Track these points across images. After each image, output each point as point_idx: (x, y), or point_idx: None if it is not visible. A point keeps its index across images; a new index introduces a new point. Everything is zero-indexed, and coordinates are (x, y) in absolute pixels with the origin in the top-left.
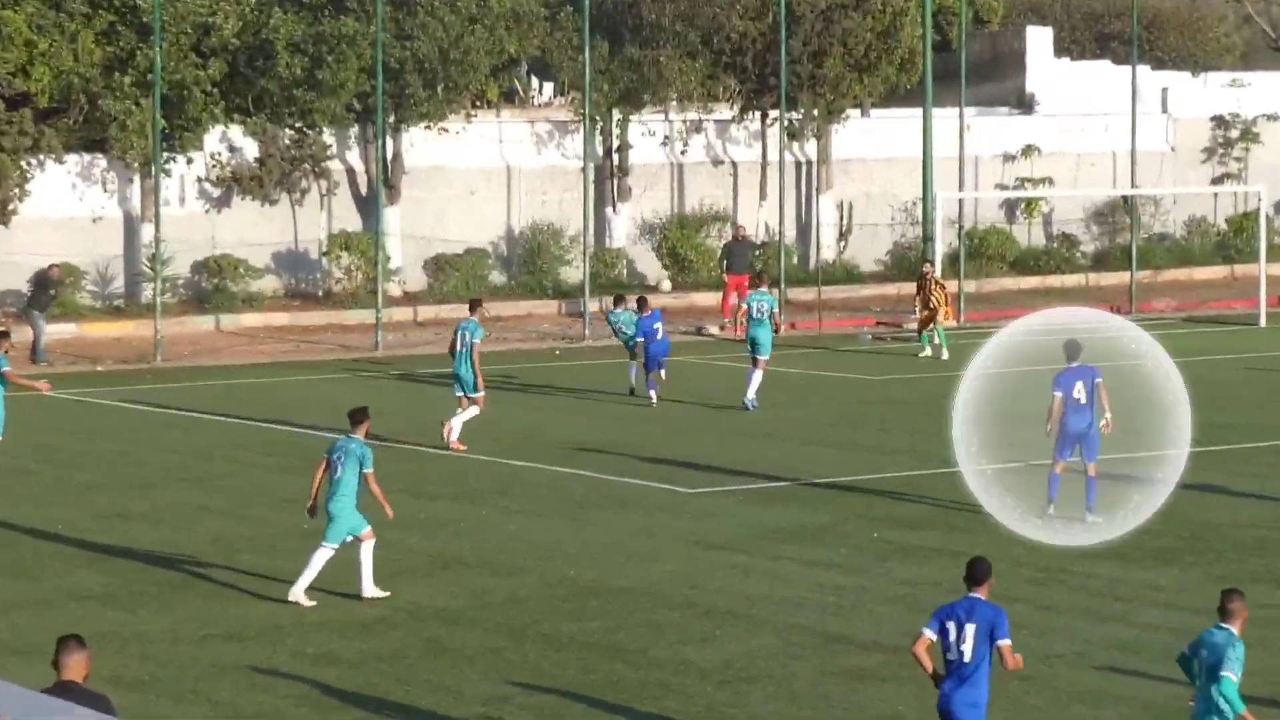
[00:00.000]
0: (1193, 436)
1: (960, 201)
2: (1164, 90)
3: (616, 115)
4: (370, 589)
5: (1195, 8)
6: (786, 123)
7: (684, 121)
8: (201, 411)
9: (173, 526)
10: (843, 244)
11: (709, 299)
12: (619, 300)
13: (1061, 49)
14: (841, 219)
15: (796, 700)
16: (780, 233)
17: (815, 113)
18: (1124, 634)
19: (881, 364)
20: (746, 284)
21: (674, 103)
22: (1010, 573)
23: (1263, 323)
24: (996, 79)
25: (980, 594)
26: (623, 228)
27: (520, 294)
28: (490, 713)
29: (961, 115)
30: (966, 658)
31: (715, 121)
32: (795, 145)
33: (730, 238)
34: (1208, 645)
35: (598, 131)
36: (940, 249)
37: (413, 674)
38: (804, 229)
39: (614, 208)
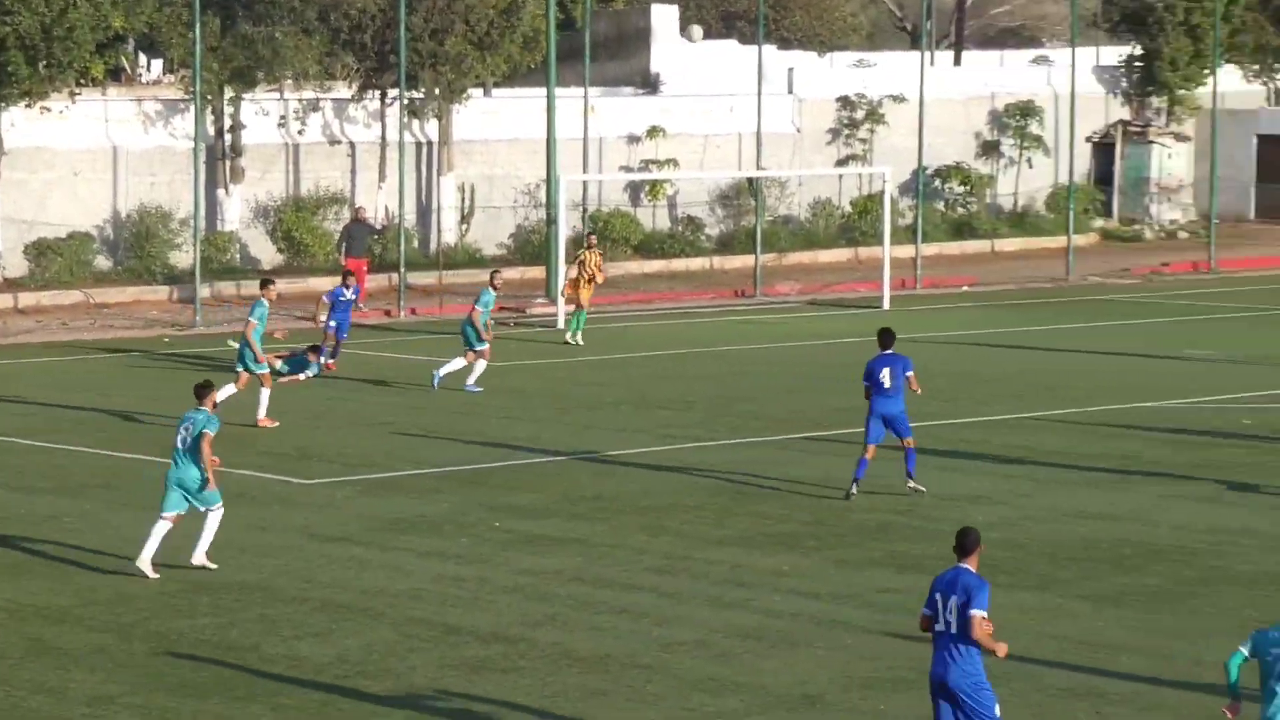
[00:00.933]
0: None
1: (584, 184)
2: (790, 71)
3: (229, 94)
4: (201, 558)
5: None
6: (407, 102)
7: (300, 101)
8: None
9: None
10: (465, 227)
11: (326, 284)
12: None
13: (688, 27)
14: (463, 201)
15: (415, 693)
16: (400, 215)
17: (436, 92)
18: (746, 621)
19: (504, 351)
20: (366, 268)
21: (289, 81)
22: (632, 561)
23: (886, 305)
24: (621, 58)
25: (969, 564)
26: (235, 210)
27: (127, 279)
28: (96, 713)
29: (586, 96)
30: (953, 629)
31: (333, 101)
32: (416, 125)
33: (349, 220)
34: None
35: (209, 111)
36: (564, 232)
37: (15, 675)
38: (425, 211)
39: (226, 190)
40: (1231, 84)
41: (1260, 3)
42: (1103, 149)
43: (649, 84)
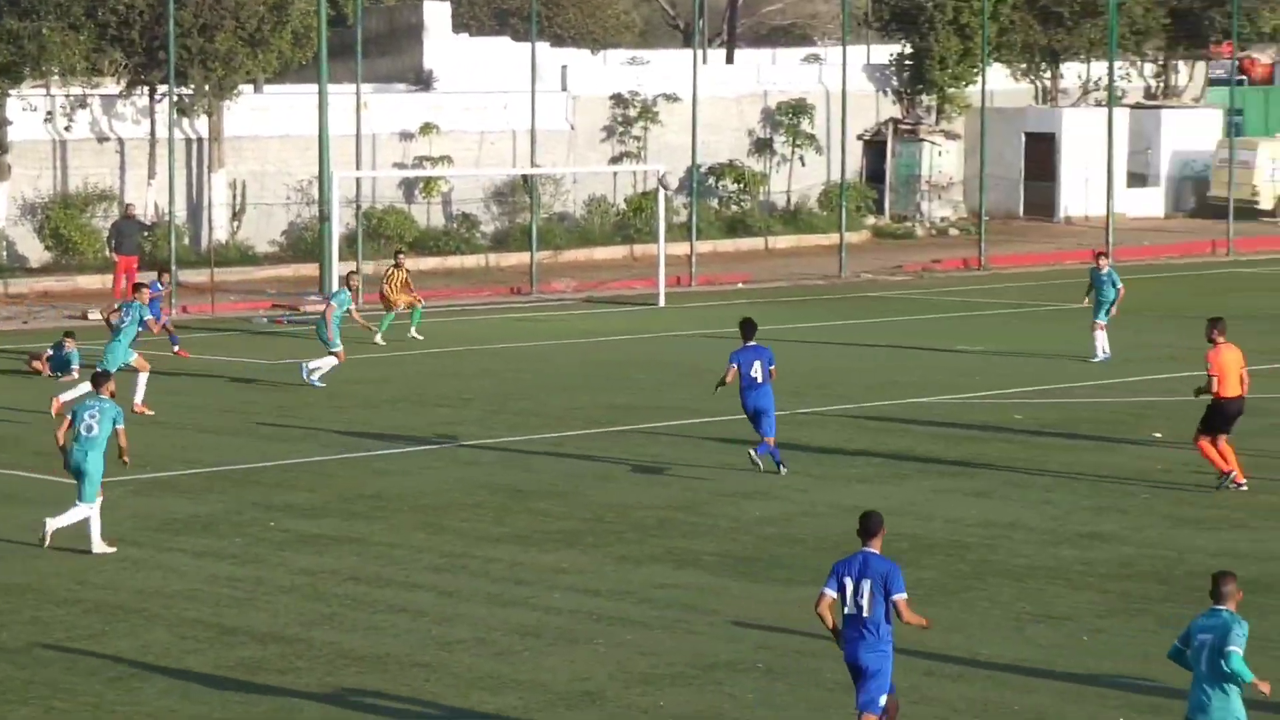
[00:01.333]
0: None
1: (358, 181)
2: (564, 68)
3: None
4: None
5: None
6: (176, 99)
7: (68, 97)
8: None
9: None
10: (236, 224)
11: (95, 281)
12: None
13: (460, 24)
14: (234, 198)
15: (191, 695)
16: (170, 212)
17: (206, 88)
18: (526, 618)
19: (280, 347)
20: (136, 265)
21: (56, 77)
22: (411, 559)
23: (661, 303)
24: (394, 54)
25: (873, 547)
26: (2, 208)
27: None
28: None
29: (359, 92)
30: (866, 612)
31: (101, 97)
32: (186, 122)
33: (119, 217)
34: (1206, 629)
35: None
36: (337, 230)
37: None
38: (196, 209)
39: None
40: (1000, 83)
41: (1027, 2)
42: (874, 147)
43: (422, 81)
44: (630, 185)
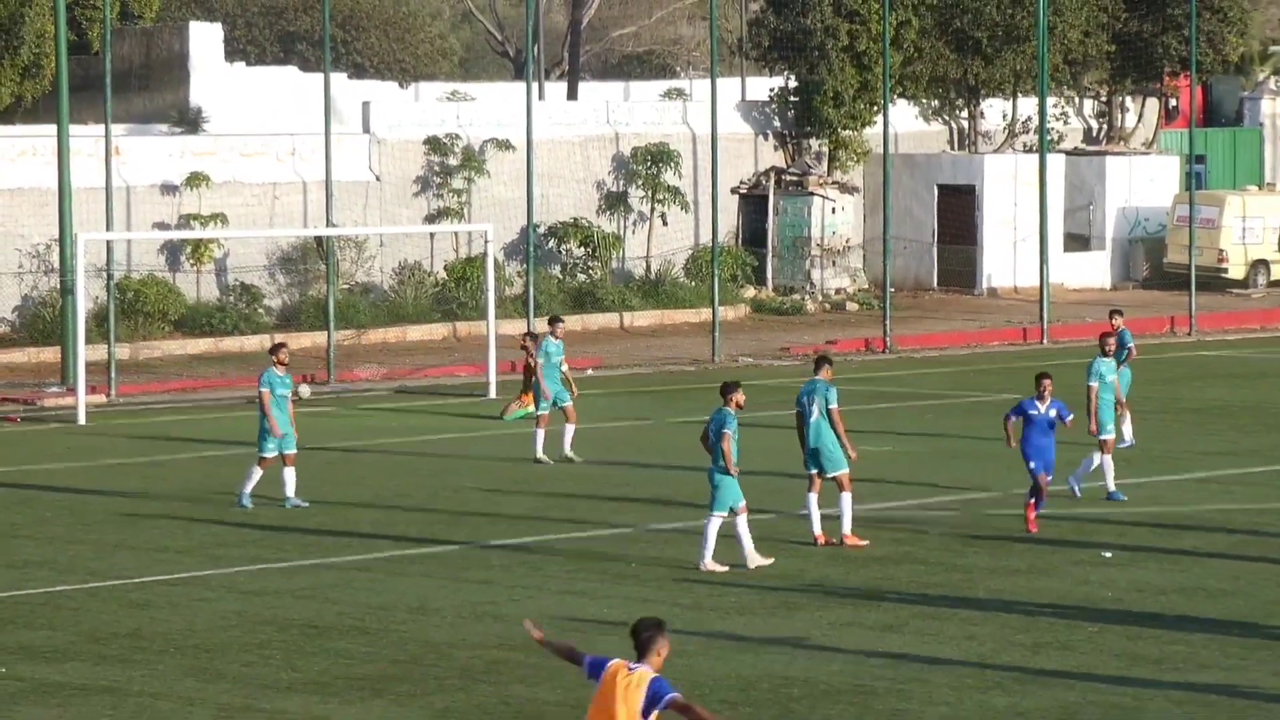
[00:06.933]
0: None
1: (109, 244)
2: (366, 105)
3: None
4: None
5: (403, 2)
6: None
7: None
8: None
9: None
10: None
11: None
12: None
13: (235, 52)
14: None
15: None
16: None
17: None
18: None
19: (10, 453)
20: None
21: None
22: (180, 714)
23: (493, 393)
24: (154, 89)
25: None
26: None
27: None
28: None
29: (109, 134)
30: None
31: None
32: None
33: None
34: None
35: None
36: (84, 304)
37: None
38: None
39: None
40: (907, 124)
41: (938, 26)
42: (753, 202)
43: (189, 121)
44: (450, 249)
